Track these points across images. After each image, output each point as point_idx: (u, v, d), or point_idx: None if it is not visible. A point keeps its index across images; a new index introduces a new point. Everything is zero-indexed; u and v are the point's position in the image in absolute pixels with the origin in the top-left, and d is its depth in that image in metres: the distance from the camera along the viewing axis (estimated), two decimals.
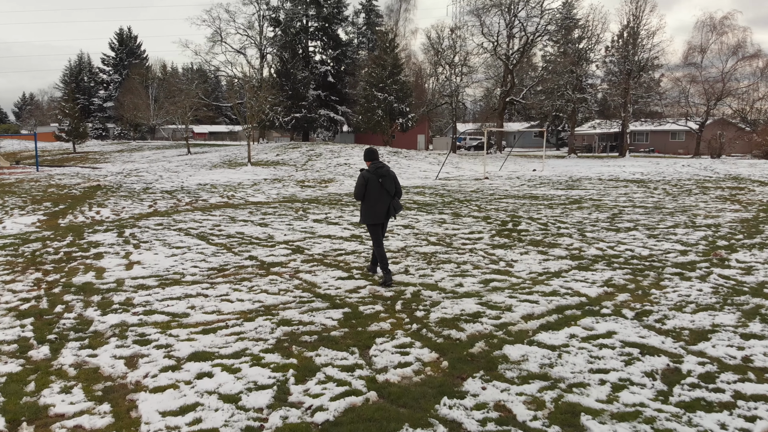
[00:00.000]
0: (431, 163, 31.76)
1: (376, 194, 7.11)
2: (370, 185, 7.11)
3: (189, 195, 18.95)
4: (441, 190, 19.99)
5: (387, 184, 7.16)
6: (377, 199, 7.13)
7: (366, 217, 7.22)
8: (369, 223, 7.24)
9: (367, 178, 7.12)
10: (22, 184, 22.76)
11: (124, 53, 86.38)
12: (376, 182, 7.12)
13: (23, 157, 46.59)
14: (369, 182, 7.11)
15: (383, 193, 7.13)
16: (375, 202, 7.14)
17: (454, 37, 51.15)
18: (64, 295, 6.93)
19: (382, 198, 7.13)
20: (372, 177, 7.13)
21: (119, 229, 11.83)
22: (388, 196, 7.17)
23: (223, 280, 7.56)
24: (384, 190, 7.14)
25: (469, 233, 10.78)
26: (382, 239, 7.37)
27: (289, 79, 52.02)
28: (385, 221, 7.31)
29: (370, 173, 7.16)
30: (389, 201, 7.19)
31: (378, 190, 7.11)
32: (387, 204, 7.17)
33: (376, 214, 7.15)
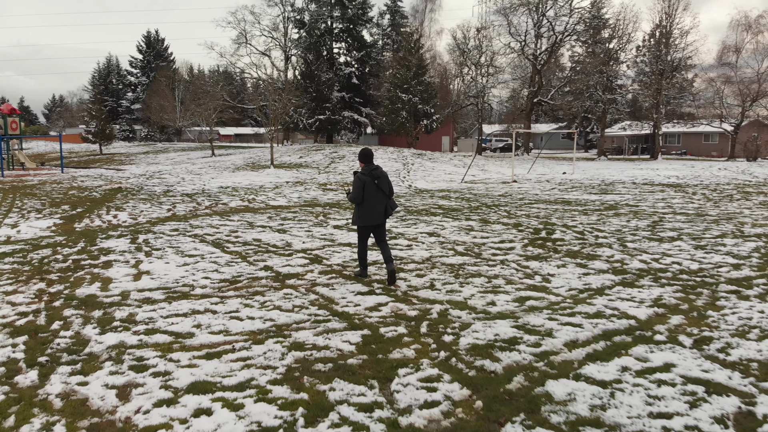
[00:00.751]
0: (456, 165, 31.00)
1: (373, 196, 7.18)
2: (368, 187, 7.14)
3: (209, 198, 18.56)
4: (467, 194, 19.27)
5: (382, 185, 7.24)
6: (374, 200, 7.20)
7: (365, 219, 7.25)
8: (368, 224, 7.29)
9: (363, 181, 7.15)
10: (44, 186, 22.68)
11: (152, 56, 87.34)
12: (372, 184, 7.17)
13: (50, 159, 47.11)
14: (366, 185, 7.13)
15: (380, 194, 7.21)
16: (373, 203, 7.20)
17: (480, 37, 50.30)
18: (64, 310, 6.44)
19: (379, 199, 7.22)
20: (368, 179, 7.17)
21: (133, 234, 11.40)
22: (384, 196, 7.26)
23: (235, 293, 7.00)
24: (380, 190, 7.21)
25: (500, 242, 10.08)
26: (384, 238, 7.45)
27: (314, 80, 51.74)
28: (383, 221, 7.38)
29: (366, 175, 7.19)
30: (386, 201, 7.29)
31: (375, 192, 7.18)
32: (384, 204, 7.27)
33: (375, 215, 7.23)
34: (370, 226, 7.37)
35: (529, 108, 49.74)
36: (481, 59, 50.62)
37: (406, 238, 10.53)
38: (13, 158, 38.30)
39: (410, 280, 7.48)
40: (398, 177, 25.41)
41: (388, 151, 34.10)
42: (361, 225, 7.35)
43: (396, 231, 11.34)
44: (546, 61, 49.07)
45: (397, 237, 10.62)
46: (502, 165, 34.27)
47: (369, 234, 7.47)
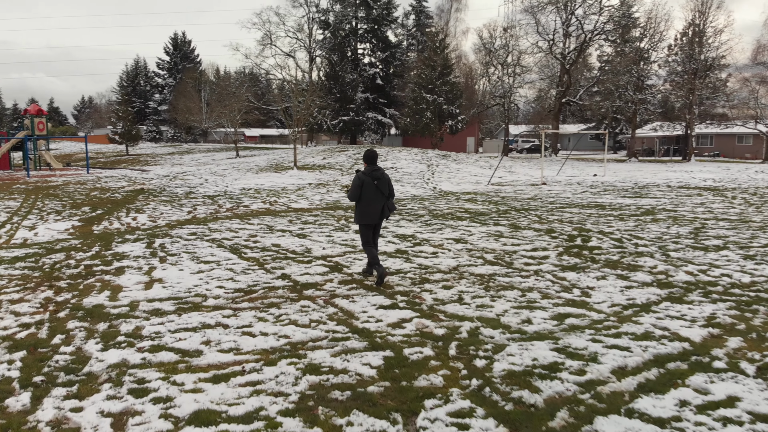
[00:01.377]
0: (482, 167, 30.31)
1: (371, 196, 7.34)
2: (366, 187, 7.32)
3: (231, 200, 18.25)
4: (494, 196, 18.63)
5: (382, 186, 7.39)
6: (372, 200, 7.35)
7: (361, 218, 7.42)
8: (364, 223, 7.45)
9: (362, 180, 7.32)
10: (67, 187, 22.68)
11: (178, 57, 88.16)
12: (371, 184, 7.33)
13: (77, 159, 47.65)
14: (365, 184, 7.32)
15: (378, 194, 7.36)
16: (370, 203, 7.35)
17: (507, 36, 49.43)
18: (68, 321, 6.06)
19: (377, 199, 7.37)
20: (367, 179, 7.33)
21: (150, 238, 11.07)
22: (382, 197, 7.40)
23: (249, 305, 6.55)
24: (379, 191, 7.36)
25: (532, 250, 9.47)
26: (377, 239, 7.68)
27: (338, 81, 51.46)
28: (379, 222, 7.55)
29: (366, 175, 7.36)
30: (383, 202, 7.43)
31: (373, 192, 7.34)
32: (381, 205, 7.41)
33: (370, 215, 7.38)
34: (370, 225, 7.52)
35: (558, 108, 48.68)
36: (508, 59, 49.73)
37: (431, 244, 9.99)
38: (40, 158, 38.76)
39: (436, 292, 6.94)
40: (422, 179, 24.86)
41: (412, 153, 33.55)
42: (359, 223, 7.52)
43: (420, 237, 10.80)
44: (575, 60, 47.98)
45: (422, 243, 10.08)
46: (530, 166, 33.44)
47: (370, 233, 7.57)
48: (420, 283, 7.36)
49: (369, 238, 7.56)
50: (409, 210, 15.25)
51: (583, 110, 57.83)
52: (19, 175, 31.23)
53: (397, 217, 13.61)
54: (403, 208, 15.79)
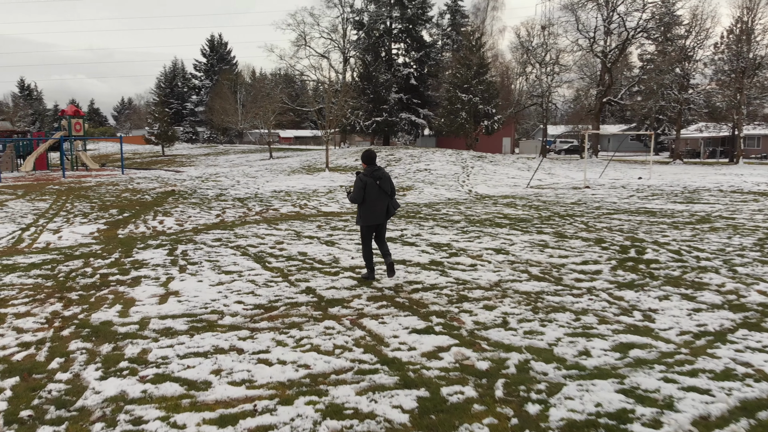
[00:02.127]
0: (520, 168, 29.27)
1: (375, 196, 7.30)
2: (369, 188, 7.27)
3: (261, 203, 17.79)
4: (535, 200, 17.69)
5: (384, 185, 7.35)
6: (376, 200, 7.32)
7: (366, 219, 7.37)
8: (370, 224, 7.41)
9: (365, 182, 7.25)
10: (99, 188, 22.62)
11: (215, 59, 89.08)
12: (374, 184, 7.28)
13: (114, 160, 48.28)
14: (368, 185, 7.25)
15: (381, 194, 7.33)
16: (374, 203, 7.32)
17: (545, 34, 48.10)
18: (71, 341, 5.53)
19: (380, 199, 7.34)
20: (370, 180, 7.27)
21: (173, 244, 10.59)
22: (386, 196, 7.37)
23: (268, 324, 5.91)
24: (382, 191, 7.33)
25: (582, 263, 8.60)
26: (383, 239, 7.62)
27: (371, 82, 50.93)
28: (385, 221, 7.51)
29: (368, 176, 7.29)
30: (387, 201, 7.40)
31: (377, 192, 7.30)
32: (385, 204, 7.39)
33: (376, 215, 7.35)
34: (372, 226, 7.47)
35: (599, 108, 47.10)
36: (546, 57, 48.38)
37: (469, 255, 9.21)
38: (77, 159, 39.27)
39: (476, 313, 6.18)
40: (457, 181, 24.02)
41: (446, 154, 32.70)
42: (364, 225, 7.44)
43: (457, 246, 10.03)
44: (616, 58, 46.33)
45: (459, 254, 9.31)
46: (570, 168, 32.22)
47: (372, 233, 7.57)
48: (458, 301, 6.60)
49: (370, 239, 7.58)
50: (443, 215, 14.48)
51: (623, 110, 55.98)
52: (55, 176, 31.57)
53: (431, 223, 12.86)
54: (437, 213, 15.02)
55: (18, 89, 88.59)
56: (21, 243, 11.45)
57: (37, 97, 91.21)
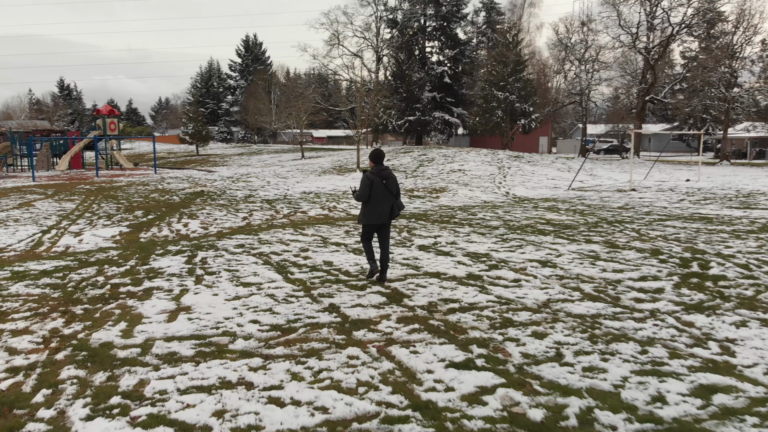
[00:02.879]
0: (560, 169, 28.05)
1: (380, 195, 7.28)
2: (375, 187, 7.25)
3: (289, 206, 17.19)
4: (578, 204, 16.62)
5: (390, 186, 7.33)
6: (381, 200, 7.30)
7: (370, 218, 7.36)
8: (373, 223, 7.39)
9: (372, 180, 7.25)
10: (129, 188, 22.41)
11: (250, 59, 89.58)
12: (380, 184, 7.26)
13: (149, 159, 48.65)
14: (374, 184, 7.24)
15: (387, 194, 7.31)
16: (379, 203, 7.30)
17: (585, 30, 46.49)
18: (64, 367, 4.91)
19: (385, 198, 7.32)
20: (376, 179, 7.26)
21: (193, 251, 10.00)
22: (391, 196, 7.35)
23: (285, 351, 5.19)
24: (388, 191, 7.31)
25: (640, 279, 7.65)
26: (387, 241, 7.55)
27: (404, 80, 50.10)
28: (388, 221, 7.46)
29: (374, 175, 7.28)
30: (392, 201, 7.38)
31: (382, 192, 7.28)
32: (390, 204, 7.36)
33: (379, 215, 7.32)
34: (374, 225, 7.44)
35: (641, 106, 45.27)
36: (586, 54, 46.76)
37: (510, 268, 8.33)
38: (111, 158, 39.56)
39: (525, 342, 5.34)
40: (493, 183, 23.04)
41: (482, 154, 31.66)
42: (366, 223, 7.45)
43: (497, 257, 9.16)
44: (660, 55, 44.45)
45: (500, 266, 8.44)
46: (612, 169, 30.82)
47: (373, 234, 7.59)
48: (501, 326, 5.77)
49: (370, 240, 7.62)
50: (480, 220, 13.60)
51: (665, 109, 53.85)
52: (89, 175, 31.72)
53: (467, 229, 11.99)
54: (473, 217, 14.14)
55: (58, 89, 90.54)
56: (40, 246, 11.05)
57: (76, 96, 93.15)
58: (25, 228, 12.97)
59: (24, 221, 14.01)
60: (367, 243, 7.62)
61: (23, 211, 15.86)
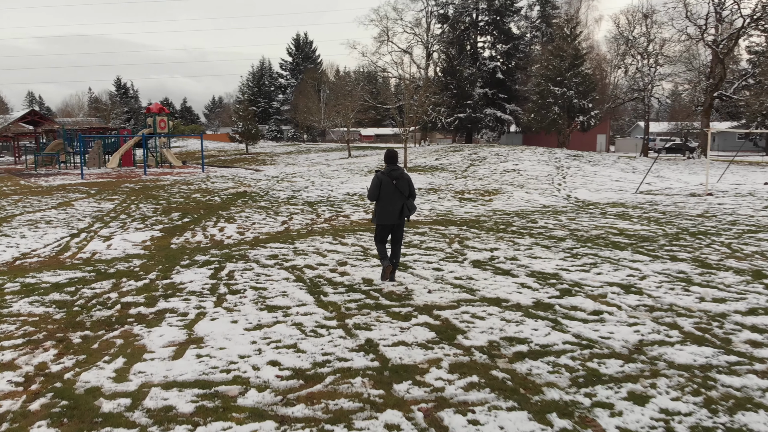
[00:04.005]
0: (623, 170, 26.07)
1: (389, 195, 7.29)
2: (384, 186, 7.27)
3: (331, 208, 16.18)
4: (651, 210, 14.92)
5: (401, 186, 7.31)
6: (391, 199, 7.30)
7: (380, 217, 7.40)
8: (382, 223, 7.42)
9: (380, 179, 7.28)
10: (173, 187, 21.94)
11: (300, 58, 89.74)
12: (389, 183, 7.27)
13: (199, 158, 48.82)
14: (383, 183, 7.27)
15: (397, 194, 7.29)
16: (388, 202, 7.31)
17: (648, 23, 43.78)
18: (35, 423, 3.95)
19: (395, 199, 7.30)
20: (386, 179, 7.28)
21: (222, 262, 9.05)
22: (401, 197, 7.32)
23: (305, 412, 4.06)
24: (398, 191, 7.29)
25: (749, 312, 6.16)
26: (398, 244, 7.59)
27: (455, 76, 48.55)
28: (399, 221, 7.44)
29: (384, 175, 7.31)
30: (403, 202, 7.34)
31: (392, 192, 7.28)
32: (400, 205, 7.33)
33: (389, 214, 7.33)
34: (386, 226, 7.45)
35: (709, 103, 42.29)
36: (649, 48, 44.06)
37: (587, 294, 6.96)
38: (161, 156, 39.71)
39: (620, 410, 4.02)
40: (552, 184, 21.42)
41: (537, 152, 29.91)
42: (378, 223, 7.46)
43: (568, 278, 7.79)
44: (730, 49, 41.34)
45: (573, 291, 7.08)
46: (680, 170, 28.54)
47: (387, 234, 7.54)
48: (587, 383, 4.46)
49: (384, 237, 7.53)
50: (542, 229, 12.17)
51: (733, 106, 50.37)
52: (138, 173, 31.73)
53: (527, 240, 10.61)
54: (533, 225, 12.71)
55: (114, 88, 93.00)
56: (65, 252, 10.37)
57: (133, 95, 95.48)
58: (54, 231, 12.39)
59: (57, 223, 13.49)
60: (380, 245, 7.52)
61: (59, 212, 15.42)
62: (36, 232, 12.28)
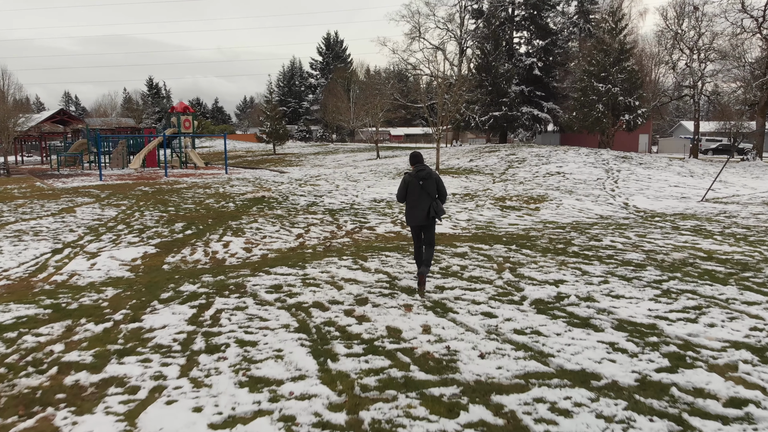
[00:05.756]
0: (680, 173, 23.52)
1: (416, 196, 7.24)
2: (411, 187, 7.24)
3: (354, 218, 14.30)
4: (731, 225, 12.59)
5: (428, 187, 7.21)
6: (417, 201, 7.23)
7: (408, 219, 7.40)
8: (411, 224, 7.39)
9: (407, 181, 7.26)
10: (189, 191, 20.35)
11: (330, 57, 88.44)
12: (416, 185, 7.21)
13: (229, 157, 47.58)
14: (409, 185, 7.25)
15: (424, 195, 7.21)
16: (415, 204, 7.24)
17: (698, 15, 40.78)
18: None
19: (422, 200, 7.22)
20: (412, 180, 7.22)
21: (212, 295, 7.23)
22: (428, 198, 7.22)
23: None
24: (425, 192, 7.21)
25: None
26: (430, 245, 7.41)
27: (490, 73, 46.20)
28: (428, 223, 7.31)
29: (411, 176, 7.25)
30: (429, 203, 7.21)
31: (418, 193, 7.22)
32: (427, 206, 7.21)
33: (415, 216, 7.28)
34: (416, 227, 7.38)
35: (765, 100, 39.08)
36: (699, 42, 41.05)
37: (708, 364, 4.85)
38: (186, 156, 38.44)
39: None
40: (603, 189, 19.15)
41: (582, 153, 27.53)
42: (408, 224, 7.46)
43: (672, 333, 5.66)
44: None
45: (686, 358, 4.98)
46: (743, 174, 25.82)
47: (420, 234, 7.42)
48: None
49: (418, 241, 7.43)
50: (610, 250, 10.00)
51: None
52: (159, 174, 30.44)
53: (597, 268, 8.48)
54: (597, 244, 10.54)
55: (146, 88, 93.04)
56: (40, 273, 8.75)
57: (165, 95, 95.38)
58: (37, 246, 10.77)
59: (45, 234, 11.91)
60: (416, 243, 7.46)
61: (56, 220, 13.89)
62: (16, 246, 10.71)
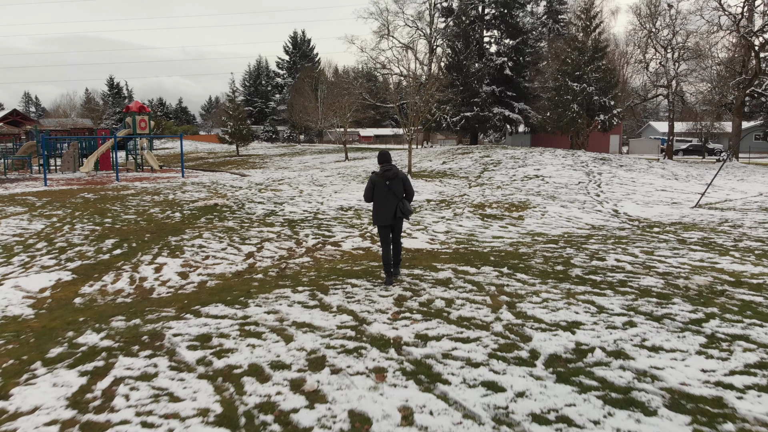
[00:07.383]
0: (664, 176, 22.39)
1: (382, 196, 7.25)
2: (378, 187, 7.27)
3: (317, 231, 12.55)
4: (741, 236, 11.24)
5: (394, 187, 7.25)
6: (384, 201, 7.26)
7: (375, 218, 7.42)
8: (378, 224, 7.41)
9: (374, 181, 7.30)
10: (134, 198, 18.26)
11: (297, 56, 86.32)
12: (383, 185, 7.25)
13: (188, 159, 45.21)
14: (376, 185, 7.28)
15: (390, 195, 7.24)
16: (382, 204, 7.27)
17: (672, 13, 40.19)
18: None
19: (389, 200, 7.25)
20: (379, 180, 7.26)
21: (114, 352, 5.42)
22: (395, 198, 7.27)
23: None
24: (392, 192, 7.23)
25: None
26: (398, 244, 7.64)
27: (461, 72, 44.87)
28: (395, 223, 7.39)
29: (378, 176, 7.29)
30: (396, 203, 7.26)
31: (385, 193, 7.23)
32: (394, 206, 7.26)
33: (383, 216, 7.31)
34: (385, 227, 7.40)
35: (741, 101, 38.67)
36: (673, 41, 40.46)
37: None
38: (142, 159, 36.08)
39: None
40: (587, 194, 17.80)
41: (558, 155, 26.27)
42: (375, 224, 7.45)
43: (747, 413, 4.10)
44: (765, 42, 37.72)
45: None
46: (729, 177, 24.85)
47: (388, 233, 7.45)
48: None
49: (385, 242, 7.43)
50: (619, 272, 8.42)
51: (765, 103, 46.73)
52: (111, 178, 28.09)
53: (615, 302, 6.90)
54: (602, 265, 8.99)
55: (107, 88, 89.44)
56: None
57: (126, 95, 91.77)
58: None
59: None
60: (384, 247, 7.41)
61: None
62: None
